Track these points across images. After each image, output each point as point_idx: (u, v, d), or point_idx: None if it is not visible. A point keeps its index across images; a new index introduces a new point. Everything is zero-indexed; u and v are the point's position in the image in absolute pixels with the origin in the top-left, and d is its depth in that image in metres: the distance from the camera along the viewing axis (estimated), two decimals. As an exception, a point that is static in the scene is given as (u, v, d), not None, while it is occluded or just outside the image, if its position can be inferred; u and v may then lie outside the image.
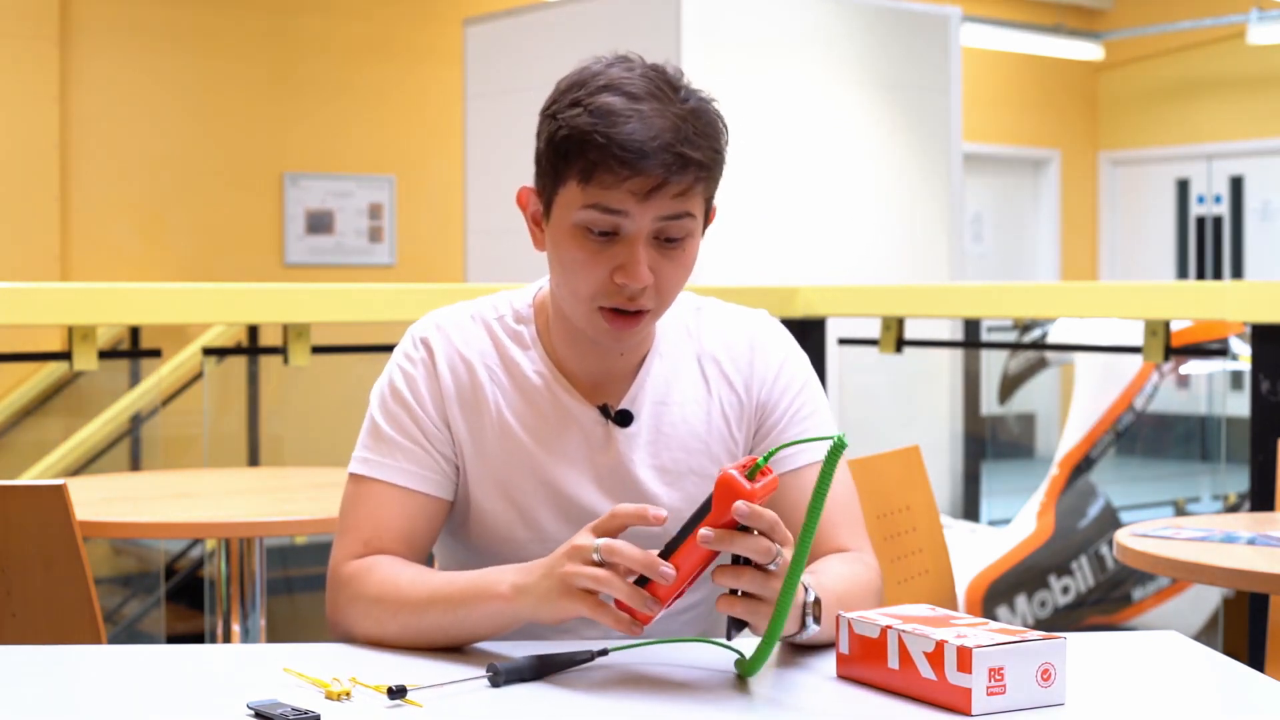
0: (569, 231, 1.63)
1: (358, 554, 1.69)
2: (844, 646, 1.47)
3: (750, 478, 1.40)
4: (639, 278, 1.60)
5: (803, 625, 1.50)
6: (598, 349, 1.73)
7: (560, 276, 1.67)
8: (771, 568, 1.43)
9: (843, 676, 1.47)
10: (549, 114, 1.64)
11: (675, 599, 1.45)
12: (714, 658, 1.55)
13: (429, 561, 1.78)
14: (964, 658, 1.34)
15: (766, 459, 1.42)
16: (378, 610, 1.63)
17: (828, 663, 1.51)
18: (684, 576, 1.43)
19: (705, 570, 1.45)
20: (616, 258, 1.61)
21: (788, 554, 1.44)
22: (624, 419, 1.73)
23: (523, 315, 1.77)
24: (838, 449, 1.40)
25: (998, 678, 1.35)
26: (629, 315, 1.64)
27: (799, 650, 1.56)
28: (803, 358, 1.82)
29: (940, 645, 1.36)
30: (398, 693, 1.40)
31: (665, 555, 1.43)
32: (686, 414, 1.76)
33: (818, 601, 1.51)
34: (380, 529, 1.70)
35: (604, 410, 1.73)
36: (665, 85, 1.61)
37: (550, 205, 1.65)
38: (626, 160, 1.56)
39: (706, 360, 1.78)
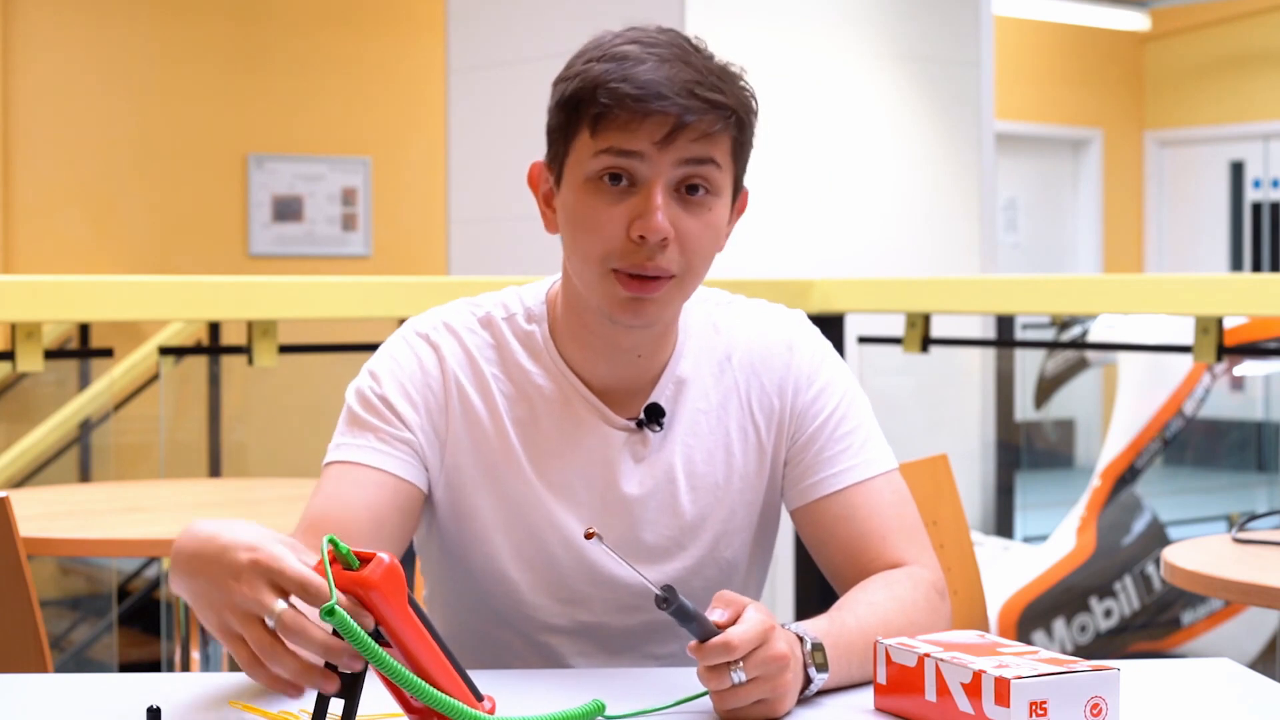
0: (581, 188, 1.63)
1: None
2: (881, 676, 1.46)
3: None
4: (657, 227, 1.59)
5: (807, 681, 1.48)
6: (612, 351, 1.72)
7: (571, 245, 1.66)
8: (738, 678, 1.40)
9: (880, 709, 1.47)
10: (560, 79, 1.65)
11: None
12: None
13: (411, 566, 1.76)
14: (1002, 690, 1.33)
15: None
16: None
17: (866, 694, 1.50)
18: None
19: None
20: (634, 209, 1.60)
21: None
22: (648, 422, 1.73)
23: (535, 314, 1.76)
24: None
25: (1040, 712, 1.34)
26: (648, 280, 1.62)
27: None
28: (841, 363, 1.83)
29: (978, 676, 1.36)
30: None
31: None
32: (712, 423, 1.76)
33: (818, 648, 1.49)
34: (332, 507, 1.65)
35: (637, 421, 1.73)
36: (688, 44, 1.64)
37: (562, 171, 1.66)
38: (642, 98, 1.57)
39: (738, 362, 1.78)
